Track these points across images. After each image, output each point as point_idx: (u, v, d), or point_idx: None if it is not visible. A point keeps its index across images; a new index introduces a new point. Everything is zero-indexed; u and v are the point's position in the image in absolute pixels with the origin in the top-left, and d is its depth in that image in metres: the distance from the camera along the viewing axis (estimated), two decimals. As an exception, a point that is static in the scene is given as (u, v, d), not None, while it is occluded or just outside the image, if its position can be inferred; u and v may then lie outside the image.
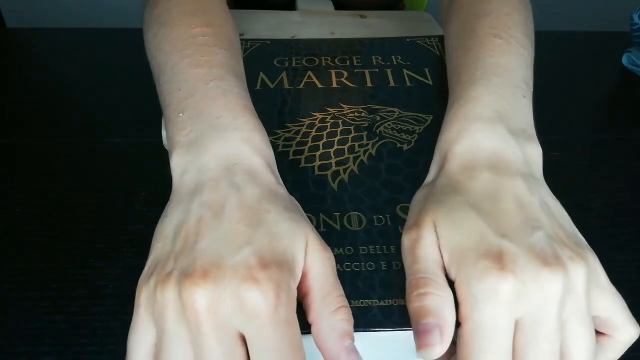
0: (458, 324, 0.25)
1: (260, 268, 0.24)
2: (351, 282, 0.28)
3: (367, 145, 0.36)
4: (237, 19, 0.62)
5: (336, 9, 0.64)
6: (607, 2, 1.43)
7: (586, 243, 0.29)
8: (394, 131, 0.37)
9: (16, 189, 0.45)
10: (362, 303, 0.27)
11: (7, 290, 0.37)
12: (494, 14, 0.38)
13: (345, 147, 0.36)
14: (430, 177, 0.32)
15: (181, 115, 0.32)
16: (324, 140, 0.37)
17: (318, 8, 0.63)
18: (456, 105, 0.33)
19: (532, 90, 0.35)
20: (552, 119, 0.56)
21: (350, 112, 0.39)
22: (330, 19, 0.59)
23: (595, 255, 0.28)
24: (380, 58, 0.45)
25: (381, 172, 0.34)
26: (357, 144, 0.36)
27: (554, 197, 0.31)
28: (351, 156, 0.35)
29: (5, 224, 0.42)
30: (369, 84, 0.42)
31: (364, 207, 0.32)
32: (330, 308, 0.25)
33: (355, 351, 0.25)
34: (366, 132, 0.37)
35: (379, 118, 0.38)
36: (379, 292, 0.28)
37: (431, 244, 0.27)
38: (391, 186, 0.33)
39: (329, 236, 0.30)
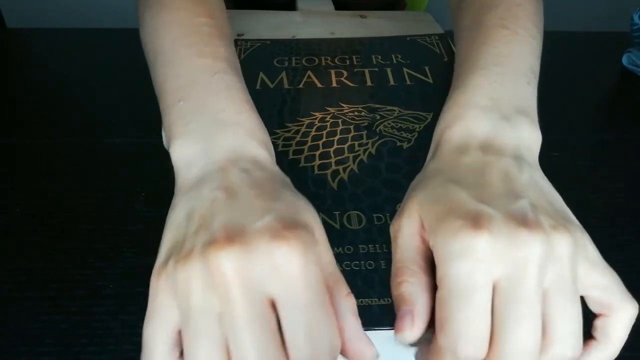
0: None
1: (285, 229, 0.23)
2: (351, 280, 0.28)
3: (367, 144, 0.36)
4: (237, 19, 0.62)
5: (336, 8, 0.64)
6: (607, 2, 1.43)
7: (576, 221, 0.28)
8: (394, 129, 0.37)
9: (16, 189, 0.45)
10: (362, 302, 0.27)
11: (7, 290, 0.37)
12: (503, 4, 0.38)
13: (345, 146, 0.36)
14: (425, 164, 0.31)
15: (180, 103, 0.32)
16: (324, 139, 0.37)
17: (318, 8, 0.63)
18: (454, 94, 0.33)
19: (537, 78, 0.35)
20: (552, 119, 0.56)
21: (350, 111, 0.39)
22: (330, 19, 0.59)
23: (585, 232, 0.27)
24: (379, 57, 0.45)
25: (381, 171, 0.34)
26: (356, 143, 0.36)
27: (547, 180, 0.30)
28: (351, 155, 0.35)
29: (5, 224, 0.42)
30: (369, 83, 0.42)
31: (364, 206, 0.32)
32: (343, 291, 0.25)
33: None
34: (366, 131, 0.37)
35: (378, 117, 0.38)
36: (379, 291, 0.28)
37: (411, 231, 0.27)
38: (391, 184, 0.33)
39: (329, 235, 0.30)
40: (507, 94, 0.32)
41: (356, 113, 0.39)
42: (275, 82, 0.42)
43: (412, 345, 0.25)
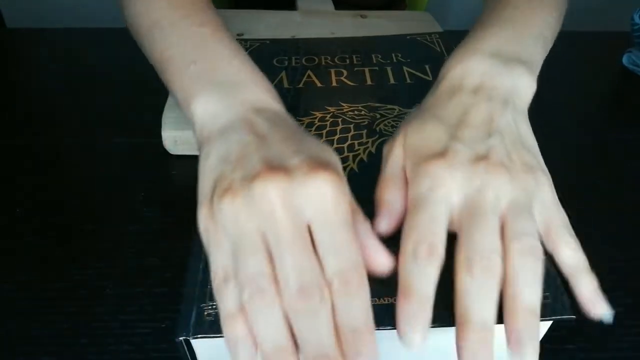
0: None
1: (317, 165, 0.27)
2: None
3: (367, 143, 0.36)
4: (237, 19, 0.62)
5: (336, 8, 0.64)
6: (607, 2, 1.43)
7: (544, 166, 0.32)
8: (394, 128, 0.37)
9: (16, 189, 0.45)
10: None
11: (7, 290, 0.37)
12: None
13: (345, 146, 0.36)
14: (424, 99, 0.35)
15: (192, 66, 0.34)
16: (324, 138, 0.37)
17: (318, 7, 0.63)
18: (463, 42, 0.36)
19: (548, 46, 0.39)
20: (552, 118, 0.56)
21: (350, 111, 0.39)
22: (330, 19, 0.59)
23: (549, 179, 0.31)
24: (379, 56, 0.45)
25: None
26: (356, 142, 0.36)
27: (530, 128, 0.33)
28: (351, 154, 0.35)
29: (5, 224, 0.42)
30: (369, 82, 0.42)
31: (363, 206, 0.32)
32: (360, 217, 0.29)
33: None
34: (366, 130, 0.37)
35: (378, 116, 0.38)
36: (379, 291, 0.27)
37: (397, 154, 0.32)
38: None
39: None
40: (513, 48, 0.35)
41: (356, 112, 0.39)
42: (275, 81, 0.42)
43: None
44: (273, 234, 0.26)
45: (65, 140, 0.51)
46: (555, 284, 0.28)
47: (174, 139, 0.47)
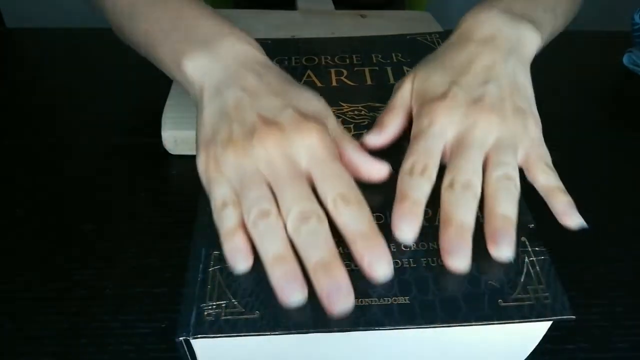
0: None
1: (304, 119, 0.31)
2: (350, 280, 0.28)
3: (367, 144, 0.36)
4: (237, 19, 0.62)
5: (336, 8, 0.64)
6: (607, 2, 1.43)
7: (536, 114, 0.36)
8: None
9: (16, 189, 0.45)
10: (362, 302, 0.27)
11: (7, 291, 0.37)
12: None
13: (345, 146, 0.36)
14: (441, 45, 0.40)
15: (175, 32, 0.37)
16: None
17: (318, 7, 0.63)
18: (478, 2, 0.40)
19: (558, 23, 0.43)
20: (552, 118, 0.56)
21: (350, 111, 0.39)
22: (330, 19, 0.60)
23: (539, 123, 0.35)
24: (380, 56, 0.45)
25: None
26: (356, 143, 0.36)
27: (529, 78, 0.37)
28: (351, 155, 0.35)
29: (5, 224, 0.42)
30: (369, 82, 0.42)
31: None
32: (347, 139, 0.34)
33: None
34: (366, 130, 0.37)
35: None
36: (379, 291, 0.27)
37: (406, 90, 0.37)
38: (391, 184, 0.33)
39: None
40: (524, 10, 0.39)
41: (356, 112, 0.39)
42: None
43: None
44: (273, 174, 0.30)
45: (65, 140, 0.51)
46: (555, 284, 0.28)
47: (174, 139, 0.47)
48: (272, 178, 0.30)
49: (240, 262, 0.28)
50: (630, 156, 0.51)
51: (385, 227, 0.31)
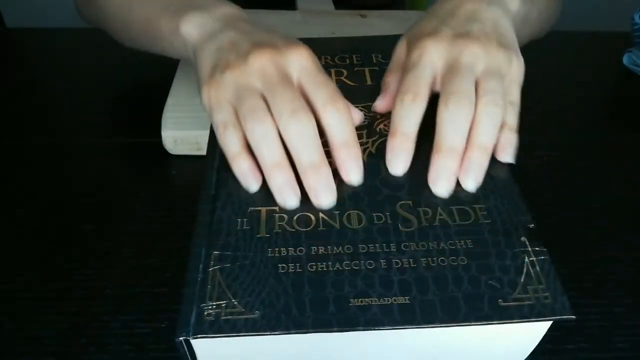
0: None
1: (296, 42, 0.36)
2: (350, 280, 0.28)
3: (367, 143, 0.36)
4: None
5: (336, 8, 0.64)
6: (607, 2, 1.43)
7: (518, 52, 0.38)
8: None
9: (16, 189, 0.45)
10: (362, 301, 0.27)
11: (7, 290, 0.37)
12: None
13: (345, 146, 0.36)
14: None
15: (172, 6, 0.41)
16: (323, 138, 0.37)
17: (318, 7, 0.63)
18: None
19: (532, 6, 0.45)
20: (552, 118, 0.56)
21: (350, 111, 0.39)
22: (330, 19, 0.60)
23: (522, 62, 0.37)
24: (380, 56, 0.45)
25: (380, 170, 0.34)
26: (356, 143, 0.36)
27: (512, 29, 0.39)
28: (351, 155, 0.35)
29: (5, 224, 0.42)
30: (369, 82, 0.42)
31: (363, 205, 0.32)
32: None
33: None
34: (366, 130, 0.37)
35: (378, 116, 0.38)
36: (379, 291, 0.27)
37: (402, 47, 0.40)
38: (390, 184, 0.33)
39: (328, 235, 0.30)
40: None
41: (356, 112, 0.39)
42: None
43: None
44: (266, 85, 0.33)
45: (65, 140, 0.51)
46: (555, 284, 0.28)
47: (174, 139, 0.47)
48: (266, 88, 0.33)
49: (251, 183, 0.33)
50: (630, 156, 0.51)
51: (385, 228, 0.31)
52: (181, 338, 0.26)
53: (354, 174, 0.33)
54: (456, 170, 0.33)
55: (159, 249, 0.40)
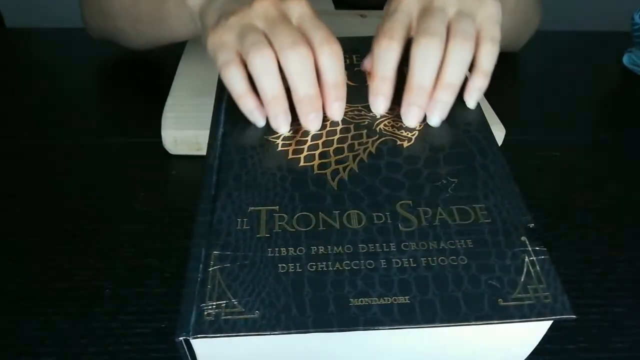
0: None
1: None
2: (350, 280, 0.28)
3: (367, 143, 0.36)
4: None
5: (336, 8, 0.64)
6: (607, 2, 1.43)
7: None
8: (394, 128, 0.37)
9: (16, 189, 0.45)
10: (362, 301, 0.27)
11: (7, 291, 0.37)
12: None
13: (345, 146, 0.36)
14: None
15: None
16: (323, 138, 0.37)
17: (318, 7, 0.63)
18: None
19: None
20: (552, 119, 0.56)
21: (350, 110, 0.39)
22: (330, 19, 0.59)
23: (498, 5, 0.39)
24: None
25: (380, 170, 0.34)
26: (356, 142, 0.36)
27: None
28: (350, 154, 0.35)
29: (5, 224, 0.42)
30: (369, 82, 0.42)
31: (363, 205, 0.32)
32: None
33: None
34: (366, 130, 0.37)
35: (378, 116, 0.38)
36: (379, 290, 0.27)
37: (386, 5, 0.43)
38: (390, 183, 0.33)
39: (328, 235, 0.30)
40: None
41: (356, 112, 0.39)
42: (275, 81, 0.42)
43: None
44: (268, 24, 0.37)
45: (65, 140, 0.51)
46: (556, 284, 0.28)
47: (174, 139, 0.47)
48: (268, 27, 0.37)
49: (258, 119, 0.37)
50: (630, 156, 0.51)
51: (385, 227, 0.31)
52: (181, 338, 0.26)
53: (338, 113, 0.38)
54: (424, 106, 0.37)
55: (159, 249, 0.40)
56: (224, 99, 0.40)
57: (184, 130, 0.47)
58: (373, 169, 0.34)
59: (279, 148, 0.36)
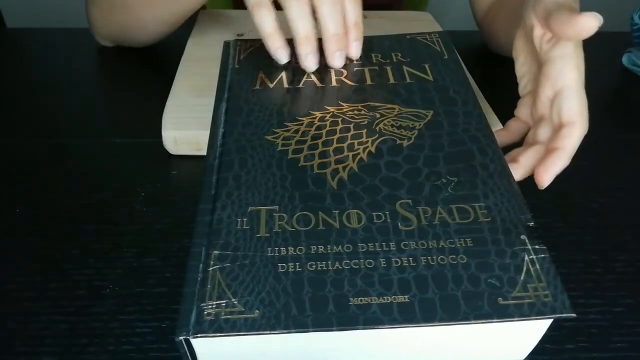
0: None
1: None
2: (350, 279, 0.28)
3: (367, 142, 0.36)
4: (237, 19, 0.62)
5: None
6: (607, 2, 1.43)
7: None
8: (394, 127, 0.37)
9: (16, 189, 0.45)
10: (361, 300, 0.27)
11: (7, 291, 0.37)
12: None
13: (345, 145, 0.36)
14: None
15: None
16: (323, 138, 0.37)
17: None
18: None
19: None
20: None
21: (350, 110, 0.39)
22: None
23: None
24: (379, 55, 0.45)
25: (380, 169, 0.34)
26: (356, 142, 0.36)
27: None
28: (350, 154, 0.35)
29: (5, 224, 0.42)
30: (369, 82, 0.42)
31: (363, 205, 0.32)
32: None
33: None
34: (365, 130, 0.37)
35: (378, 115, 0.38)
36: (378, 289, 0.28)
37: None
38: (390, 183, 0.33)
39: (328, 234, 0.30)
40: None
41: (356, 112, 0.39)
42: (274, 81, 0.42)
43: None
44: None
45: (65, 140, 0.51)
46: (555, 282, 0.28)
47: (174, 139, 0.47)
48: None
49: (282, 57, 0.43)
50: (630, 156, 0.51)
51: (384, 227, 0.31)
52: (181, 337, 0.26)
53: (357, 51, 0.44)
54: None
55: (159, 249, 0.40)
56: (224, 99, 0.40)
57: (184, 131, 0.47)
58: (373, 169, 0.34)
59: (279, 147, 0.36)
